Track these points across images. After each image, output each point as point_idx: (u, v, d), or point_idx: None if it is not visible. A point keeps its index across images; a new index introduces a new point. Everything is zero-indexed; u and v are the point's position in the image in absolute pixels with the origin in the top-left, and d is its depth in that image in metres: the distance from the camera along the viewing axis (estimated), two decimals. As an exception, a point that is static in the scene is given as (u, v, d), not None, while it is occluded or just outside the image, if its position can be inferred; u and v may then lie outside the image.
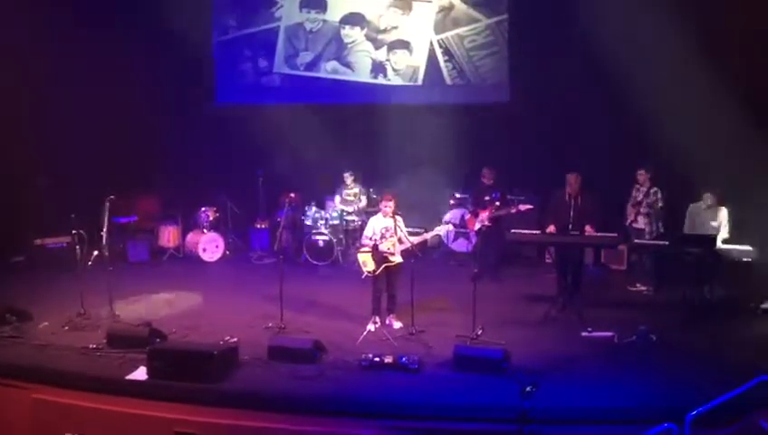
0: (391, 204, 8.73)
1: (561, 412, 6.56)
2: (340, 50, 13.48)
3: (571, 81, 11.66)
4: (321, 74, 13.61)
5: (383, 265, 8.68)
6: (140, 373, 7.40)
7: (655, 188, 10.23)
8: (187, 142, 13.22)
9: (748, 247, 9.26)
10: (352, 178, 12.78)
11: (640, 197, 10.29)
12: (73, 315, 8.99)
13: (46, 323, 8.84)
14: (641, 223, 10.28)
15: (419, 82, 13.26)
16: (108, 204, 9.33)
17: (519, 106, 12.40)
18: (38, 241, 11.66)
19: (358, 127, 12.84)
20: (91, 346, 8.10)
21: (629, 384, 7.06)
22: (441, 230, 9.14)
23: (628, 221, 10.40)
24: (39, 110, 11.74)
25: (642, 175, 10.30)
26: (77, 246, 9.47)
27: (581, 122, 11.72)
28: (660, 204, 10.20)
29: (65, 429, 7.23)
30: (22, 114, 11.58)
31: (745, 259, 9.22)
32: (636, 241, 10.18)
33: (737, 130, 10.16)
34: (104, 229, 9.28)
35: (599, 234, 9.10)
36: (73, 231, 9.46)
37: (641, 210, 10.26)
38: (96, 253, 9.35)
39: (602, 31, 10.90)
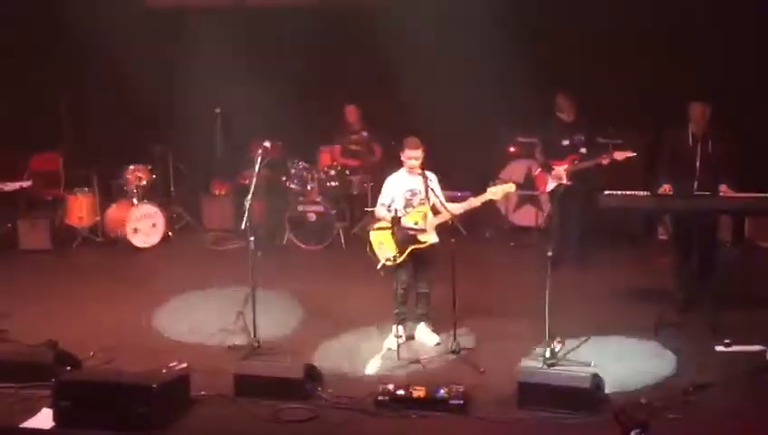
0: (419, 154, 8.68)
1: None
2: None
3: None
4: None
5: (409, 249, 8.68)
6: (44, 419, 7.42)
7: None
8: (104, 67, 13.22)
9: None
10: (358, 114, 12.74)
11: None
12: (-60, 333, 9.07)
13: None
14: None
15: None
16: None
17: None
18: None
19: (364, 36, 12.77)
20: (-33, 379, 8.16)
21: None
22: (497, 193, 9.08)
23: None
24: None
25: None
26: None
27: (709, 25, 11.59)
28: None
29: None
30: None
31: None
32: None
33: None
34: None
35: (741, 194, 9.04)
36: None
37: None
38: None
39: None
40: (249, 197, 9.59)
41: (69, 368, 8.13)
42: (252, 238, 9.06)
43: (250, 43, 13.27)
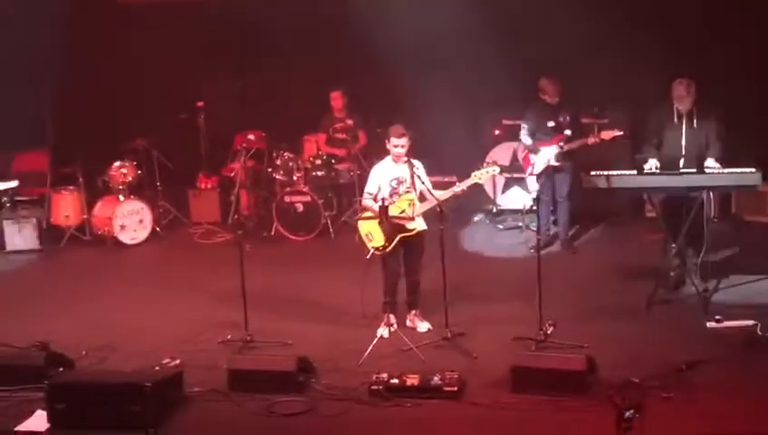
0: (404, 141, 8.69)
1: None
2: None
3: None
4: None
5: (398, 237, 8.68)
6: (37, 421, 7.42)
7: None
8: (85, 65, 13.16)
9: None
10: (344, 101, 12.71)
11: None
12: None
13: None
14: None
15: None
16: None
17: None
18: None
19: (348, 21, 12.72)
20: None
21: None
22: (482, 177, 9.09)
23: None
24: None
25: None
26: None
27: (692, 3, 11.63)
28: None
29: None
30: None
31: None
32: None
33: None
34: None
35: (728, 170, 9.07)
36: None
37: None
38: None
39: None
40: (236, 189, 9.62)
41: (61, 369, 8.14)
42: (240, 231, 9.06)
43: (230, 33, 13.23)
